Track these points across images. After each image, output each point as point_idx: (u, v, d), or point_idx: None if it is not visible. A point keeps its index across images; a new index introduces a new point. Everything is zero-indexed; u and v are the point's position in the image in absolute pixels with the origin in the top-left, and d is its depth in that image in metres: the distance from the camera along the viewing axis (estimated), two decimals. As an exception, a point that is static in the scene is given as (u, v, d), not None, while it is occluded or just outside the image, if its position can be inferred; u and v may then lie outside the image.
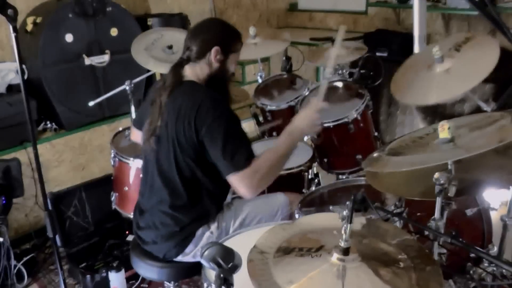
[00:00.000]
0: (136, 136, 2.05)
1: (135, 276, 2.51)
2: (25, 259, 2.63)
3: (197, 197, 1.77)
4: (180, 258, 1.81)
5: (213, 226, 1.81)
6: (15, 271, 2.53)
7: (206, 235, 1.80)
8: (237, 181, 1.64)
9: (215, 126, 1.63)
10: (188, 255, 1.80)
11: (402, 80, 1.97)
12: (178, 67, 1.79)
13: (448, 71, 1.81)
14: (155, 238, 1.81)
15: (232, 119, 1.69)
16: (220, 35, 1.79)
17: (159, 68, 2.48)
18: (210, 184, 1.76)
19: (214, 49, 1.74)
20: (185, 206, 1.76)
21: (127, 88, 2.53)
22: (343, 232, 1.10)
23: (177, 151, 1.70)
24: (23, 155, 2.87)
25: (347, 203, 1.12)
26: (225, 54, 1.77)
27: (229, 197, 2.33)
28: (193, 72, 1.78)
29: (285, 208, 1.94)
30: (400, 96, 1.91)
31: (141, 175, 1.98)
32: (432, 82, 1.83)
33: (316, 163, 2.48)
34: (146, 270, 1.85)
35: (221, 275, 1.06)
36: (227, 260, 1.07)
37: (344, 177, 2.47)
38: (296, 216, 1.83)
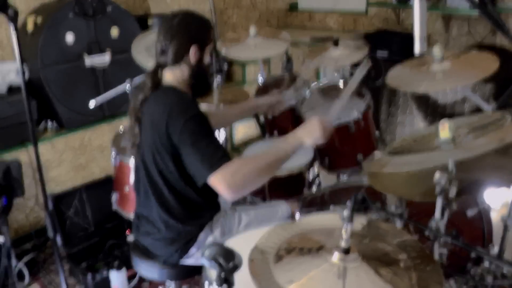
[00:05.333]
0: None
1: (136, 275, 2.51)
2: (25, 259, 2.63)
3: (187, 203, 1.75)
4: (182, 261, 1.80)
5: (217, 231, 1.81)
6: (16, 271, 2.53)
7: (209, 239, 1.79)
8: (217, 181, 1.53)
9: (185, 130, 1.58)
10: (191, 258, 1.80)
11: (399, 72, 2.09)
12: (155, 72, 1.74)
13: (444, 70, 1.92)
14: (155, 244, 1.80)
15: (201, 121, 1.63)
16: (194, 32, 1.72)
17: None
18: (193, 193, 1.73)
19: (192, 49, 1.71)
20: (177, 213, 1.74)
21: (127, 88, 2.53)
22: (343, 232, 1.10)
23: (157, 159, 1.68)
24: (24, 155, 2.88)
25: (348, 203, 1.12)
26: (202, 49, 1.75)
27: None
28: (174, 75, 1.74)
29: (287, 216, 1.94)
30: (395, 83, 2.01)
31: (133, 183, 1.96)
32: (426, 75, 1.95)
33: (317, 162, 2.48)
34: (147, 270, 1.85)
35: (222, 275, 1.07)
36: (227, 260, 1.08)
37: (345, 177, 2.47)
38: (297, 216, 1.83)
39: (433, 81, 1.95)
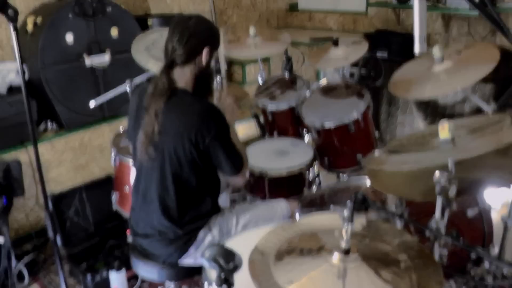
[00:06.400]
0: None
1: (136, 276, 2.51)
2: (25, 259, 2.63)
3: (192, 203, 1.78)
4: (181, 260, 1.80)
5: (215, 230, 1.81)
6: (16, 271, 2.53)
7: (208, 238, 1.80)
8: (239, 178, 1.85)
9: (218, 137, 1.71)
10: (190, 258, 1.80)
11: (401, 78, 2.03)
12: (168, 71, 1.74)
13: (447, 70, 1.87)
14: (154, 244, 1.80)
15: (227, 127, 1.77)
16: (207, 36, 1.78)
17: (159, 68, 2.48)
18: (206, 186, 1.81)
19: (205, 51, 1.75)
20: (178, 219, 1.76)
21: (127, 88, 2.53)
22: (343, 232, 1.10)
23: (174, 163, 1.71)
24: (24, 155, 2.87)
25: (348, 203, 1.12)
26: (211, 52, 1.79)
27: (228, 197, 2.33)
28: (182, 75, 1.75)
29: (286, 214, 1.94)
30: (398, 92, 1.98)
31: (132, 184, 1.95)
32: (430, 78, 1.90)
33: (317, 162, 2.48)
34: (146, 271, 1.85)
35: (222, 275, 1.07)
36: (227, 260, 1.08)
37: (344, 176, 2.47)
38: (297, 216, 1.83)
39: (437, 83, 1.91)
